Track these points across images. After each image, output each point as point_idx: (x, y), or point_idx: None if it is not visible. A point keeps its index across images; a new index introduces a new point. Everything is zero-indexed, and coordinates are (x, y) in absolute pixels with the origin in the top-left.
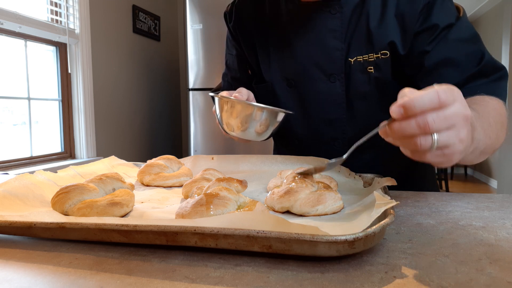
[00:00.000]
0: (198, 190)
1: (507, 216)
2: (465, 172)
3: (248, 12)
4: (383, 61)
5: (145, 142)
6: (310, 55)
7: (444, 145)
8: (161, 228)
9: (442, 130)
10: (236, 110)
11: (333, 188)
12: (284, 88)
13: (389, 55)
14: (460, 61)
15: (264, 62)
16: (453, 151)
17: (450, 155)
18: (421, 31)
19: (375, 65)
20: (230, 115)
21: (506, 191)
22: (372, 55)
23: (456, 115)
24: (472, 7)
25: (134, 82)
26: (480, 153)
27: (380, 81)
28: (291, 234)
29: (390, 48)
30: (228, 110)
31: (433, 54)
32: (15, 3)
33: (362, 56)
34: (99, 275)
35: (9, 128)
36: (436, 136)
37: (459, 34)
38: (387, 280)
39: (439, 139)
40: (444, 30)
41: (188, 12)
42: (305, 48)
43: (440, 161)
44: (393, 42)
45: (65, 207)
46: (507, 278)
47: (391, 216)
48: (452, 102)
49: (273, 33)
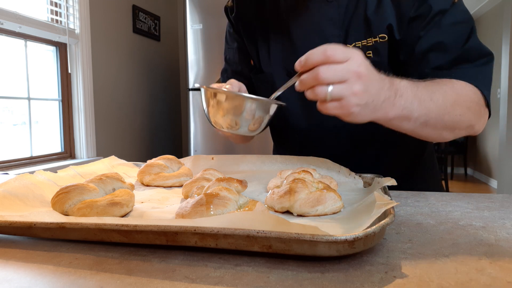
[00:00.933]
0: (198, 190)
1: (507, 216)
2: (465, 172)
3: (248, 4)
4: (381, 44)
5: (145, 142)
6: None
7: (338, 96)
8: (161, 228)
9: (334, 82)
10: (224, 102)
11: (333, 188)
12: (284, 78)
13: (387, 38)
14: (448, 44)
15: (263, 54)
16: (348, 103)
17: (347, 106)
18: (416, 16)
19: (374, 49)
20: (218, 108)
21: (506, 191)
22: (370, 39)
23: (348, 70)
24: (472, 7)
25: (134, 82)
26: (421, 124)
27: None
28: (291, 234)
29: (388, 32)
30: (216, 102)
31: (425, 40)
32: (15, 3)
33: (361, 41)
34: (99, 275)
35: (9, 128)
36: (330, 87)
37: (452, 18)
38: (387, 280)
39: (332, 90)
40: (438, 15)
41: (188, 12)
42: (304, 37)
43: (340, 113)
44: (391, 25)
45: (65, 207)
46: (507, 278)
47: (391, 216)
48: (345, 59)
49: (272, 24)
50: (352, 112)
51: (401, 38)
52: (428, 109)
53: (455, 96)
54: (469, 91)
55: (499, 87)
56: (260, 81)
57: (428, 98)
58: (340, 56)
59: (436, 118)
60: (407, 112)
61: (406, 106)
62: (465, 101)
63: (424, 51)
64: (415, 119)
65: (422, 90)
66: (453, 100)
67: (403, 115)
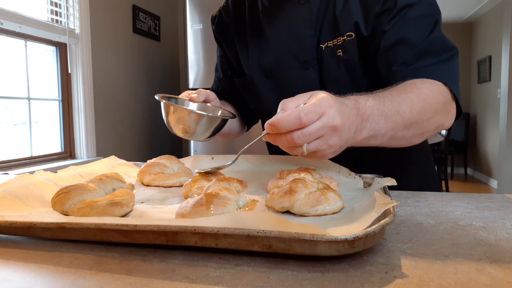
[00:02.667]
0: (198, 190)
1: (507, 216)
2: (465, 172)
3: (230, 12)
4: (349, 42)
5: (145, 142)
6: (284, 45)
7: (314, 151)
8: (161, 228)
9: (308, 142)
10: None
11: (333, 188)
12: (263, 79)
13: (354, 36)
14: (411, 39)
15: (243, 57)
16: (324, 154)
17: (323, 156)
18: (382, 12)
19: (343, 48)
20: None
21: (506, 191)
22: (340, 38)
23: (322, 128)
24: (472, 7)
25: (134, 82)
26: (389, 138)
27: (348, 63)
28: (291, 234)
29: (354, 29)
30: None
31: (390, 34)
32: (15, 3)
33: (332, 41)
34: (99, 275)
35: (9, 128)
36: (305, 146)
37: (417, 12)
38: (387, 280)
39: (308, 148)
40: (404, 9)
41: (188, 12)
42: (279, 38)
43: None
44: (357, 22)
45: (65, 207)
46: (507, 278)
47: (391, 215)
48: (317, 117)
49: (250, 28)
50: (327, 157)
51: (368, 34)
52: (395, 123)
53: (422, 103)
54: (435, 93)
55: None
56: (242, 84)
57: (395, 113)
58: (314, 118)
59: (403, 129)
60: (374, 132)
61: (372, 128)
62: (431, 105)
63: (389, 46)
64: (382, 135)
65: (388, 105)
66: (420, 108)
67: (371, 136)
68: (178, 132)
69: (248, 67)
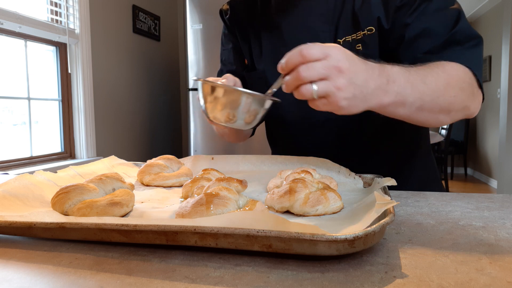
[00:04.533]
0: (198, 190)
1: (507, 216)
2: (465, 172)
3: (241, 6)
4: (370, 37)
5: (145, 142)
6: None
7: (323, 93)
8: (161, 227)
9: (315, 79)
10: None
11: (333, 188)
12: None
13: (374, 31)
14: (436, 30)
15: (256, 51)
16: (335, 98)
17: (335, 102)
18: (402, 5)
19: (363, 42)
20: (215, 101)
21: (506, 191)
22: (359, 33)
23: (327, 67)
24: (472, 7)
25: (134, 82)
26: (416, 109)
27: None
28: (291, 233)
29: (375, 24)
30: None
31: (413, 26)
32: (15, 3)
33: (351, 36)
34: (99, 275)
35: (9, 128)
36: (314, 86)
37: (438, 4)
38: (387, 280)
39: (317, 88)
40: (424, 3)
41: (188, 12)
42: (294, 33)
43: (331, 109)
44: (378, 17)
45: (65, 207)
46: (507, 278)
47: (391, 215)
48: (322, 56)
49: (264, 23)
50: (342, 106)
51: (390, 27)
52: (422, 93)
53: (447, 78)
54: (460, 72)
55: (499, 87)
56: (253, 78)
57: (421, 82)
58: (316, 54)
59: (430, 101)
60: (401, 98)
61: (399, 92)
62: (457, 82)
63: (412, 38)
64: (410, 104)
65: (414, 75)
66: (446, 82)
67: (398, 101)
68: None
69: (261, 62)
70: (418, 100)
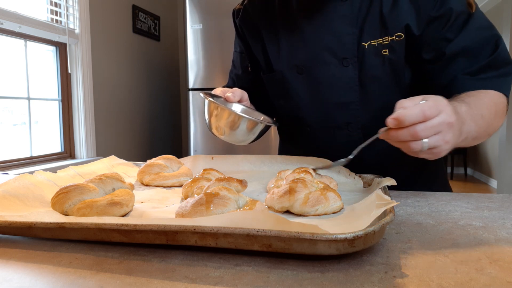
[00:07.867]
0: (198, 190)
1: (507, 216)
2: (465, 172)
3: (256, 5)
4: (398, 43)
5: (145, 142)
6: (321, 41)
7: (432, 147)
8: (161, 227)
9: (429, 136)
10: (223, 116)
11: (333, 188)
12: (294, 75)
13: (403, 37)
14: (476, 51)
15: (272, 52)
16: (440, 150)
17: (438, 153)
18: (438, 16)
19: (390, 47)
20: (217, 118)
21: (506, 191)
22: (387, 38)
23: (441, 124)
24: None
25: (134, 82)
26: (472, 139)
27: (394, 63)
28: (291, 233)
29: (404, 31)
30: (215, 113)
31: (455, 43)
32: (15, 3)
33: (377, 40)
34: (99, 275)
35: (9, 128)
36: (426, 141)
37: (480, 23)
38: (387, 280)
39: (428, 143)
40: (461, 17)
41: (188, 12)
42: (316, 34)
43: (430, 157)
44: (408, 25)
45: (65, 207)
46: (507, 278)
47: (391, 215)
48: (437, 113)
49: (282, 23)
50: (442, 155)
51: (421, 35)
52: (480, 127)
53: (496, 109)
54: (502, 100)
55: None
56: (271, 80)
57: (480, 117)
58: (435, 114)
59: (484, 131)
60: (466, 135)
61: (468, 131)
62: (501, 111)
63: (453, 55)
64: (471, 138)
65: (474, 110)
66: (495, 113)
67: (464, 138)
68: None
69: (278, 62)
70: (476, 133)
